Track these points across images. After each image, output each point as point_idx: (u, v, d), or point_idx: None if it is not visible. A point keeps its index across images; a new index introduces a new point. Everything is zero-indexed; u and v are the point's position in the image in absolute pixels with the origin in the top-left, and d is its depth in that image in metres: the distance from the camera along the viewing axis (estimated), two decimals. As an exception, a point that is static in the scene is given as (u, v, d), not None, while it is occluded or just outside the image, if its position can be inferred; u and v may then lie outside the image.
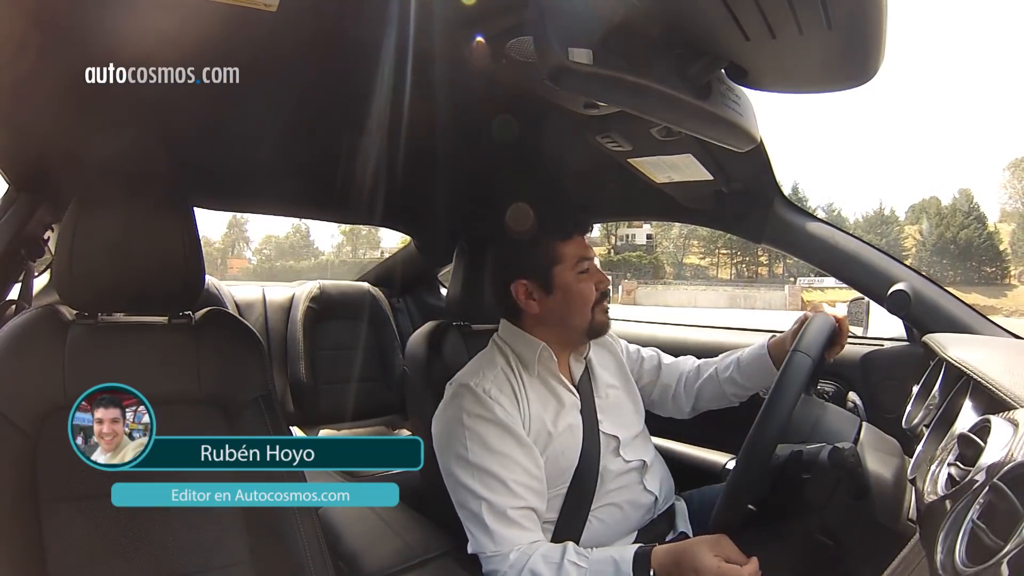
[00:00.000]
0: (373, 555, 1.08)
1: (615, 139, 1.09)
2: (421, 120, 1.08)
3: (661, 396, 1.23)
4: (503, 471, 0.94)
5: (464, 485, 0.95)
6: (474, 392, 0.99)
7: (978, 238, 39.65)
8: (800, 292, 36.04)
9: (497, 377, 1.02)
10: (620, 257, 44.34)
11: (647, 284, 41.13)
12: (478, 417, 0.97)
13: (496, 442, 0.96)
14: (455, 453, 0.97)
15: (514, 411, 0.99)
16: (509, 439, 0.96)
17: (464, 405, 0.99)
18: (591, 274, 1.05)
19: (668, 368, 1.24)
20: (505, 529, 0.91)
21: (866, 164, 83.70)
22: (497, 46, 0.80)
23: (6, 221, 1.17)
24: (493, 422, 0.96)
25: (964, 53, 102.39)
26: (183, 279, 0.95)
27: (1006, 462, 0.52)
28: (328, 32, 0.82)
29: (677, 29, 0.63)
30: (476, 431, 0.96)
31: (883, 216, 45.79)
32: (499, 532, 0.91)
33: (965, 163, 72.50)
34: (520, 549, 0.89)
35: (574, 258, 1.03)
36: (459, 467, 0.96)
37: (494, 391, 0.99)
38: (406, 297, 2.45)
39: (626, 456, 1.06)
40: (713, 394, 1.18)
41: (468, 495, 0.94)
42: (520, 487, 0.94)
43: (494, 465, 0.94)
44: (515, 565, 0.88)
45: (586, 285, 1.04)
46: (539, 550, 0.89)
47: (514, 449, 0.96)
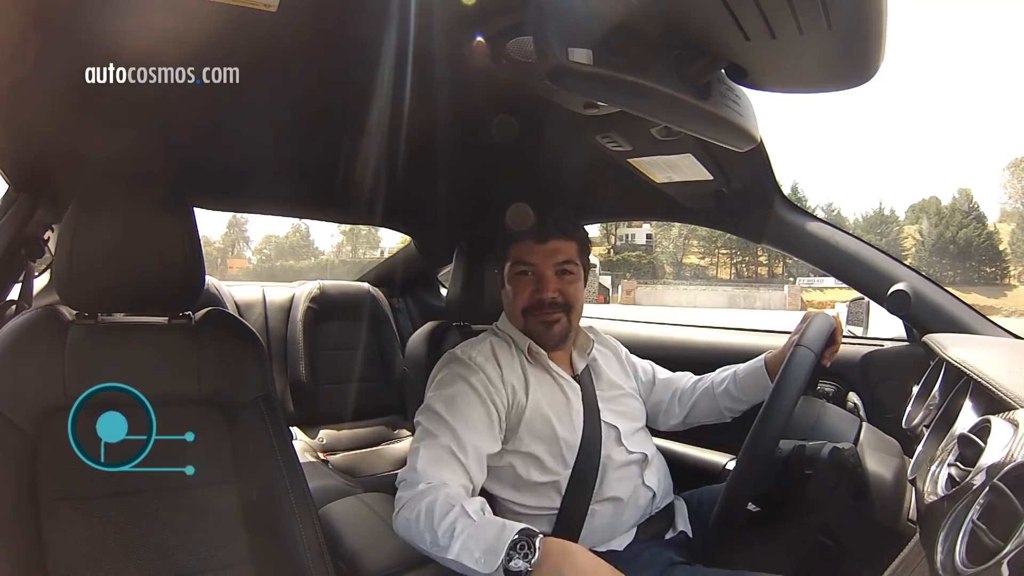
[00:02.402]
0: (373, 555, 1.08)
1: (615, 139, 1.08)
2: (421, 120, 1.08)
3: (653, 410, 1.24)
4: (457, 424, 0.95)
5: (420, 426, 0.97)
6: (459, 358, 1.05)
7: (978, 238, 39.71)
8: (800, 292, 36.12)
9: (484, 349, 1.07)
10: (620, 257, 44.42)
11: (646, 284, 41.18)
12: (456, 376, 1.01)
13: (463, 401, 0.98)
14: (426, 402, 1.00)
15: (497, 382, 1.02)
16: (478, 405, 0.99)
17: (447, 363, 1.05)
18: (527, 279, 1.08)
19: (663, 383, 1.26)
20: (432, 466, 0.90)
21: (866, 164, 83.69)
22: (497, 46, 0.80)
23: (6, 221, 1.17)
24: (468, 384, 1.00)
25: (964, 53, 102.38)
26: (183, 279, 0.95)
27: (1006, 462, 0.52)
28: (328, 32, 0.82)
29: (677, 29, 0.63)
30: (450, 387, 1.00)
31: (883, 216, 45.84)
32: (425, 466, 0.90)
33: (965, 163, 72.51)
34: (431, 484, 0.87)
35: (514, 259, 1.09)
36: (423, 413, 0.99)
37: (479, 359, 1.04)
38: (406, 297, 2.46)
39: (629, 446, 1.07)
40: (707, 408, 1.20)
41: (419, 434, 0.96)
42: (469, 445, 0.94)
43: (452, 417, 0.96)
44: (418, 497, 0.84)
45: (516, 287, 1.09)
46: (444, 490, 0.85)
47: (480, 416, 0.98)
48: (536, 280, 1.07)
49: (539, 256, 1.06)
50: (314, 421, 2.08)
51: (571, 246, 1.08)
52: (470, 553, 0.75)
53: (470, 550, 0.76)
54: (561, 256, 1.07)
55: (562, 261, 1.07)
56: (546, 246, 1.06)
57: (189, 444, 0.92)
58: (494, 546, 0.74)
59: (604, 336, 1.27)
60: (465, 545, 0.76)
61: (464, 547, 0.76)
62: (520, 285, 1.08)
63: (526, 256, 1.07)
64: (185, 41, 0.81)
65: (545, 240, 1.06)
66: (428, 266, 2.35)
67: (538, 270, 1.07)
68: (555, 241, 1.07)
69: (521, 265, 1.08)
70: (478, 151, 1.35)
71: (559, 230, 1.07)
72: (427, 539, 0.80)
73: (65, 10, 0.74)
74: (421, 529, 0.81)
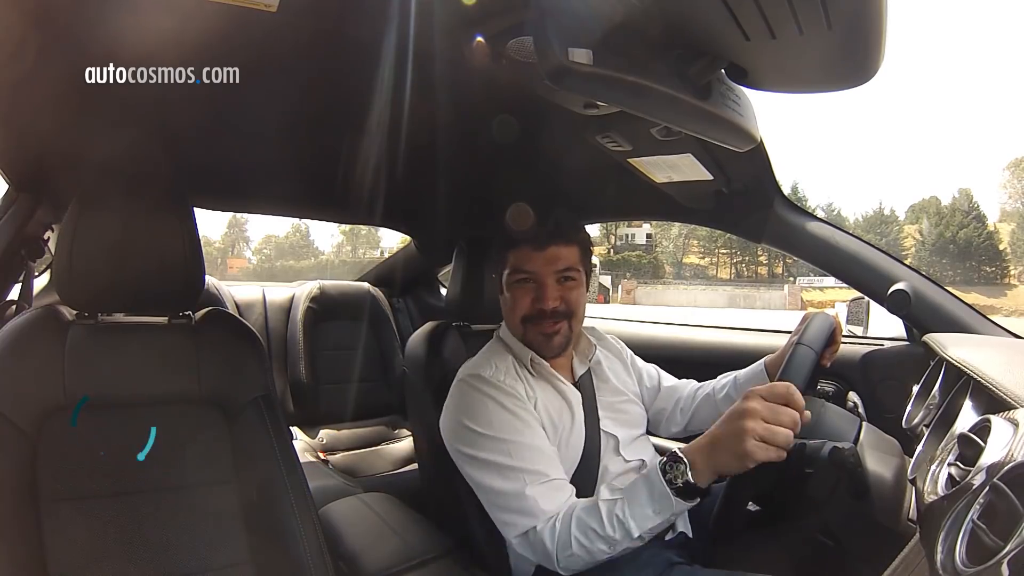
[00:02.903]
0: (373, 555, 1.08)
1: (615, 139, 1.08)
2: (421, 120, 1.08)
3: (655, 417, 1.24)
4: (538, 440, 0.95)
5: (497, 464, 0.93)
6: (489, 382, 1.01)
7: (977, 237, 39.70)
8: (799, 292, 36.12)
9: (509, 369, 1.04)
10: (620, 256, 44.41)
11: (646, 283, 41.20)
12: (498, 401, 0.98)
13: (521, 420, 0.96)
14: (482, 436, 0.96)
15: (526, 398, 1.01)
16: (531, 417, 0.98)
17: (482, 390, 1.00)
18: (527, 287, 1.04)
19: (667, 390, 1.25)
20: (550, 498, 0.89)
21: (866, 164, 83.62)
22: (497, 46, 0.80)
23: (6, 221, 1.17)
24: (515, 399, 0.98)
25: (965, 54, 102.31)
26: (183, 279, 0.95)
27: (1006, 462, 0.52)
28: (327, 32, 0.82)
29: (677, 29, 0.63)
30: (500, 411, 0.97)
31: (883, 216, 45.82)
32: (545, 502, 0.89)
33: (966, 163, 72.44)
34: (561, 515, 0.88)
35: (512, 267, 1.05)
36: (489, 448, 0.95)
37: (509, 380, 1.01)
38: (406, 297, 2.46)
39: (626, 456, 1.07)
40: (709, 415, 1.18)
41: (503, 473, 0.92)
42: (554, 455, 0.96)
43: (525, 437, 0.95)
44: (563, 531, 0.86)
45: (515, 295, 1.05)
46: (576, 507, 0.87)
47: (537, 426, 0.98)
48: (536, 288, 1.03)
49: (538, 263, 1.03)
50: (314, 421, 2.08)
51: (572, 251, 1.05)
52: (647, 516, 0.79)
53: (645, 515, 0.79)
54: (562, 263, 1.03)
55: (563, 268, 1.03)
56: (545, 253, 1.03)
57: (189, 444, 0.92)
58: (653, 491, 0.79)
59: (608, 338, 1.26)
60: (637, 515, 0.80)
61: (639, 517, 0.79)
62: (519, 293, 1.05)
63: (525, 264, 1.03)
64: (185, 41, 0.81)
65: (544, 247, 1.03)
66: (428, 266, 2.35)
67: (538, 278, 1.03)
68: (555, 247, 1.03)
69: (520, 273, 1.04)
70: (478, 151, 1.35)
71: (559, 235, 1.04)
72: (606, 548, 0.82)
73: (65, 10, 0.74)
74: (593, 548, 0.83)
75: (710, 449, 0.78)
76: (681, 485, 0.77)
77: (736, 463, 0.74)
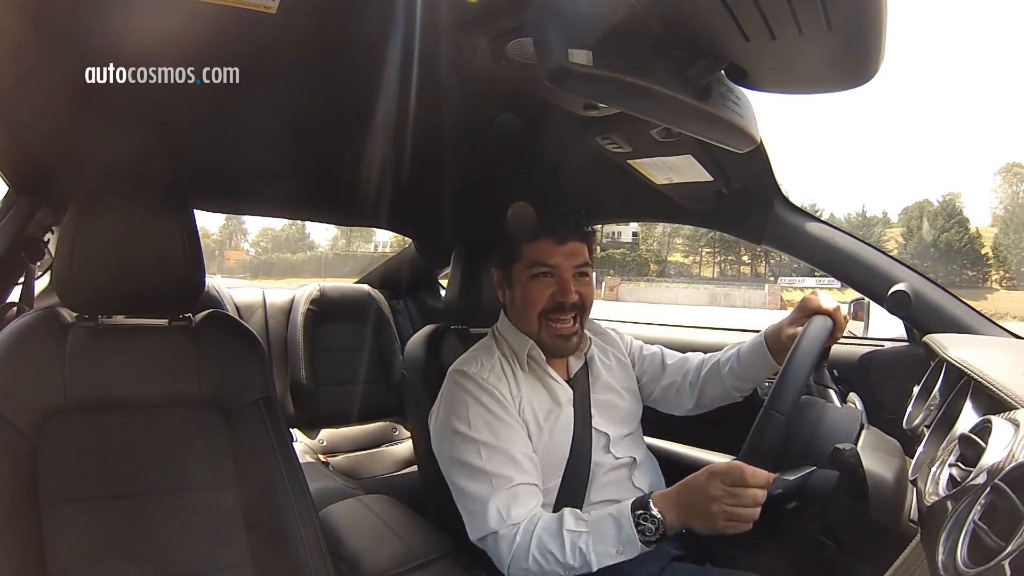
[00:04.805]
0: (374, 557, 1.07)
1: (615, 140, 1.08)
2: (421, 122, 1.08)
3: (663, 394, 1.22)
4: (509, 445, 0.96)
5: (468, 464, 0.96)
6: (473, 379, 1.02)
7: (959, 242, 39.77)
8: (780, 291, 36.15)
9: (495, 367, 1.05)
10: (604, 254, 44.34)
11: (630, 281, 41.35)
12: (478, 400, 1.00)
13: (497, 421, 0.98)
14: (458, 434, 0.98)
15: (510, 398, 1.02)
16: (509, 419, 0.99)
17: (465, 386, 1.02)
18: (546, 281, 1.04)
19: (672, 366, 1.23)
20: (514, 505, 0.91)
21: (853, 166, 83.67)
22: (497, 48, 0.80)
23: (6, 223, 1.17)
24: (495, 399, 1.00)
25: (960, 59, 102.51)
26: (183, 281, 0.95)
27: (1007, 462, 0.52)
28: (327, 33, 0.82)
29: (677, 30, 0.63)
30: (478, 410, 0.99)
31: (866, 218, 46.01)
32: (508, 509, 0.91)
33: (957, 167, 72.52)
34: (522, 526, 0.89)
35: (530, 260, 1.05)
36: (463, 447, 0.97)
37: (492, 379, 1.02)
38: (406, 299, 2.46)
39: (616, 452, 1.07)
40: (717, 389, 1.17)
41: (472, 475, 0.95)
42: (525, 459, 0.96)
43: (499, 440, 0.96)
44: (522, 544, 0.88)
45: (533, 289, 1.05)
46: (539, 524, 0.89)
47: (514, 429, 0.99)
48: (557, 282, 1.04)
49: (560, 257, 1.04)
50: (314, 423, 2.08)
51: (585, 248, 1.07)
52: (609, 554, 0.83)
53: (607, 552, 0.83)
54: (579, 259, 1.05)
55: (580, 264, 1.05)
56: (566, 247, 1.04)
57: (189, 446, 0.92)
58: (622, 534, 0.83)
59: (605, 329, 1.25)
60: (600, 552, 0.84)
61: (600, 554, 0.83)
62: (538, 287, 1.05)
63: (546, 257, 1.04)
64: (185, 41, 0.81)
65: (565, 241, 1.04)
66: (428, 268, 2.35)
67: (559, 272, 1.04)
68: (574, 242, 1.05)
69: (540, 267, 1.04)
70: (478, 153, 1.35)
71: (578, 231, 1.06)
72: (562, 572, 0.85)
73: (65, 10, 0.74)
74: (549, 570, 0.86)
75: (683, 509, 0.83)
76: (651, 536, 0.83)
77: (707, 529, 0.81)
